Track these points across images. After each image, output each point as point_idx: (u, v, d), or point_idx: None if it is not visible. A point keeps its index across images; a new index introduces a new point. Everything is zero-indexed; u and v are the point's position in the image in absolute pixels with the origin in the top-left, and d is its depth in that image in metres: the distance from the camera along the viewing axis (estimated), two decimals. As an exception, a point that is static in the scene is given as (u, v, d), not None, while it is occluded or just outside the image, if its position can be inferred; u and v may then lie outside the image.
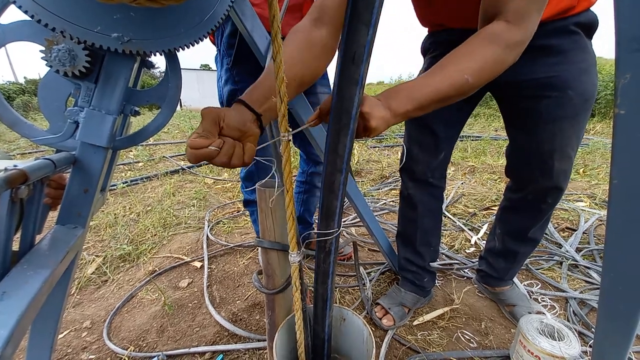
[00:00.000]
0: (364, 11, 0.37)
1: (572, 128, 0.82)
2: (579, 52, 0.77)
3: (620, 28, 0.31)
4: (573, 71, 0.77)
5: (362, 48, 0.39)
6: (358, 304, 1.23)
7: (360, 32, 0.38)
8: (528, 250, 1.08)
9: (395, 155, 3.76)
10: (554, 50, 0.76)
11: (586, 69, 0.78)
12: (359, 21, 0.38)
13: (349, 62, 0.41)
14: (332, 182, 0.52)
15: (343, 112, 0.45)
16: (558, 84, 0.77)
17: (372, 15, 0.37)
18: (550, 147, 0.83)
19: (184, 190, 2.63)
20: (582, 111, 0.80)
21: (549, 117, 0.81)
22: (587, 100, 0.79)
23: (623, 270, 0.39)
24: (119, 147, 0.59)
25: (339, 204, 0.55)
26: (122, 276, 1.46)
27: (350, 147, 0.50)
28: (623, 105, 0.32)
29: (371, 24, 0.38)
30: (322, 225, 0.57)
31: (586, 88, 0.78)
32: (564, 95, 0.78)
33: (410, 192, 1.07)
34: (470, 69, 0.56)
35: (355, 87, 0.43)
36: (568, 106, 0.79)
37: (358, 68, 0.41)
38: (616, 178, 0.35)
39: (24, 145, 4.85)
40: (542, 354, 0.84)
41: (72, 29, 0.43)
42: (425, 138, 0.99)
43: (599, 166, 3.01)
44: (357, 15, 0.38)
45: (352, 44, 0.40)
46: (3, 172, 0.35)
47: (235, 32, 0.96)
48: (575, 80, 0.77)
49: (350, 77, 0.42)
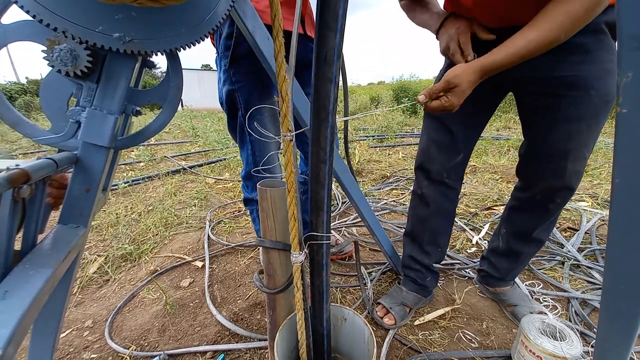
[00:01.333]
0: (331, 20, 0.44)
1: (589, 129, 0.81)
2: (605, 52, 0.76)
3: (622, 26, 0.31)
4: (597, 71, 0.76)
5: (332, 50, 0.46)
6: (359, 303, 1.23)
7: (329, 37, 0.45)
8: (532, 251, 1.08)
9: (397, 155, 3.76)
10: (578, 49, 0.75)
11: (611, 69, 0.76)
12: (328, 29, 0.44)
13: (322, 63, 0.47)
14: (317, 173, 0.55)
15: (321, 108, 0.50)
16: (580, 83, 0.76)
17: (338, 22, 0.44)
18: (566, 147, 0.82)
19: (185, 190, 2.63)
20: (602, 112, 0.79)
21: (567, 117, 0.80)
22: (609, 101, 0.78)
23: (625, 270, 0.39)
24: (121, 146, 0.59)
25: (327, 194, 0.56)
26: (124, 276, 1.46)
27: (332, 139, 0.54)
28: (625, 104, 0.32)
29: (337, 29, 0.45)
30: (312, 216, 0.58)
31: (609, 90, 0.77)
32: (585, 95, 0.77)
33: (424, 190, 1.07)
34: (563, 30, 0.66)
35: (330, 84, 0.48)
36: (588, 106, 0.78)
37: (330, 67, 0.47)
38: (618, 177, 0.35)
39: (26, 145, 4.87)
40: (543, 354, 0.83)
41: (73, 29, 0.43)
42: (443, 138, 0.99)
43: (601, 166, 3.00)
44: (325, 24, 0.44)
45: (323, 47, 0.46)
46: (5, 171, 0.35)
47: (231, 34, 0.97)
48: (598, 80, 0.76)
49: (324, 76, 0.47)
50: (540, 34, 0.67)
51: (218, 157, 3.81)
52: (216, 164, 3.56)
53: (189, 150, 4.43)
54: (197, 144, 4.82)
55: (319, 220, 0.58)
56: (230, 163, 3.48)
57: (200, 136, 5.53)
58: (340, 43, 0.46)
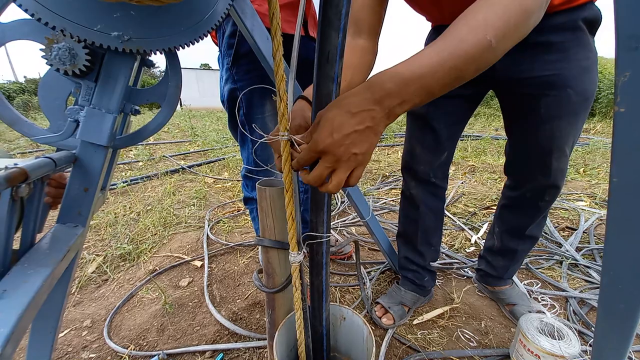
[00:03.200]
0: (334, 18, 0.43)
1: (570, 127, 0.81)
2: (581, 49, 0.76)
3: (619, 26, 0.31)
4: (573, 70, 0.76)
5: (334, 49, 0.45)
6: (358, 302, 1.23)
7: (332, 36, 0.44)
8: (527, 248, 1.08)
9: (396, 155, 3.76)
10: (555, 48, 0.76)
11: (587, 67, 0.77)
12: (331, 27, 0.43)
13: (324, 61, 0.46)
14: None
15: (322, 107, 0.49)
16: (558, 83, 0.77)
17: (341, 21, 0.43)
18: (549, 145, 0.83)
19: (184, 190, 2.63)
20: (581, 110, 0.80)
21: (548, 116, 0.80)
22: (587, 99, 0.79)
23: (622, 269, 0.39)
24: (119, 146, 0.59)
25: (327, 194, 0.56)
26: (123, 275, 1.46)
27: None
28: (623, 103, 0.32)
29: (340, 28, 0.44)
30: (312, 216, 0.58)
31: (586, 87, 0.77)
32: (563, 94, 0.77)
33: (413, 191, 1.07)
34: (491, 26, 0.41)
35: (332, 83, 0.47)
36: (567, 105, 0.78)
37: (333, 66, 0.46)
38: (616, 176, 0.35)
39: (24, 144, 4.85)
40: (542, 353, 0.84)
41: (72, 28, 0.43)
42: (427, 137, 0.99)
43: (599, 166, 3.01)
44: (328, 22, 0.43)
45: (326, 46, 0.45)
46: (3, 170, 0.35)
47: (234, 32, 0.97)
48: (575, 79, 0.76)
49: (327, 75, 0.47)
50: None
51: (217, 157, 3.81)
52: (215, 163, 3.56)
53: (188, 149, 4.42)
54: (196, 144, 4.81)
55: (319, 220, 0.58)
56: (229, 163, 3.48)
57: (199, 135, 5.52)
58: (342, 42, 0.45)
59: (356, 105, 0.42)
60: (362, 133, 0.42)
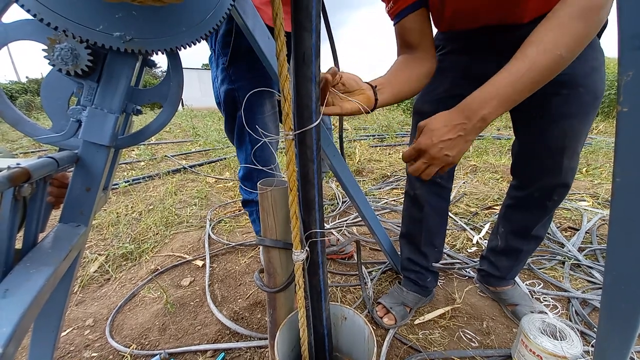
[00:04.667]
0: (305, 20, 0.44)
1: (581, 125, 0.82)
2: (590, 50, 0.76)
3: (622, 26, 0.30)
4: (584, 69, 0.77)
5: (309, 49, 0.46)
6: (359, 302, 1.23)
7: (305, 38, 0.45)
8: (531, 248, 1.08)
9: (397, 154, 3.76)
10: None
11: (597, 67, 0.78)
12: (302, 29, 0.45)
13: (300, 63, 0.47)
14: (306, 172, 0.56)
15: (304, 107, 0.50)
16: (570, 81, 0.77)
17: (312, 23, 0.45)
18: (561, 144, 0.83)
19: (186, 189, 2.64)
20: (591, 109, 0.81)
21: (559, 115, 0.81)
22: (597, 97, 0.80)
23: (625, 270, 0.39)
24: (121, 145, 0.59)
25: (317, 193, 0.57)
26: (125, 274, 1.46)
27: (318, 138, 0.54)
28: (626, 102, 0.32)
29: (312, 30, 0.45)
30: (305, 215, 0.58)
31: (597, 86, 0.78)
32: (574, 93, 0.78)
33: (417, 192, 1.06)
34: (563, 43, 0.54)
35: (310, 83, 0.48)
36: (579, 103, 0.79)
37: (309, 67, 0.47)
38: (619, 176, 0.35)
39: (27, 144, 4.88)
40: (544, 353, 0.83)
41: (74, 28, 0.43)
42: None
43: (601, 165, 2.99)
44: (299, 25, 0.45)
45: (301, 48, 0.46)
46: (6, 170, 0.35)
47: (230, 30, 0.94)
48: (586, 77, 0.77)
49: (304, 75, 0.48)
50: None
51: (218, 157, 3.81)
52: (216, 163, 3.56)
53: (190, 149, 4.43)
54: (198, 143, 4.82)
55: (311, 219, 0.58)
56: (231, 162, 3.48)
57: (201, 135, 5.53)
58: (317, 42, 0.46)
59: (451, 119, 0.59)
60: (454, 140, 0.59)
